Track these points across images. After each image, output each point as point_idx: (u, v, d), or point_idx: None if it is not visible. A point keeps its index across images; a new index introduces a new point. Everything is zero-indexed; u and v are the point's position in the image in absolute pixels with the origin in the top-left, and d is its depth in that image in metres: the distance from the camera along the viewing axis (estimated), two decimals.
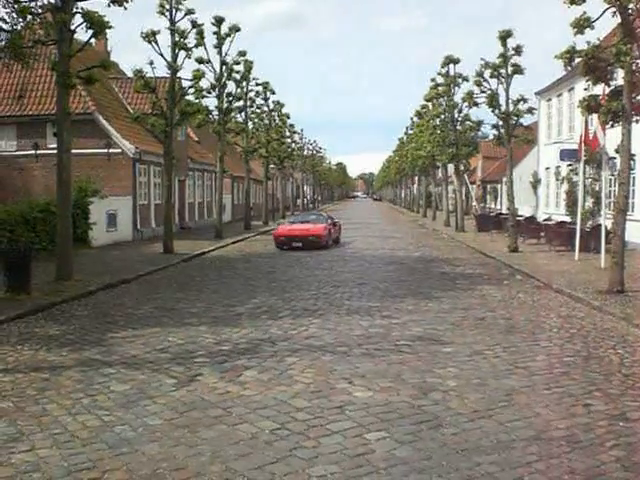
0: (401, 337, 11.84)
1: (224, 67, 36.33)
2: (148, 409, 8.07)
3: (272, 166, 58.44)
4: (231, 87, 38.47)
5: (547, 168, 41.18)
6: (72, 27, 18.41)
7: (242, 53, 38.01)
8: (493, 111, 28.73)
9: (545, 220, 34.09)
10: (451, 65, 42.29)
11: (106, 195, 30.21)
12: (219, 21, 35.50)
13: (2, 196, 28.91)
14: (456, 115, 42.09)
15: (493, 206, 62.27)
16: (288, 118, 60.83)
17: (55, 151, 19.63)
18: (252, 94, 45.61)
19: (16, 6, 18.49)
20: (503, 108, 28.32)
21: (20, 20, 19.33)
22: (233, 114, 40.77)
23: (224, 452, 6.68)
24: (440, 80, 43.37)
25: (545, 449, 6.76)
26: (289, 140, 65.72)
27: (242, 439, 7.03)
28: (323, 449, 6.77)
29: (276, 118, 56.54)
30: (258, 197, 65.53)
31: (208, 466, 6.35)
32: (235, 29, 35.71)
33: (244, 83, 41.69)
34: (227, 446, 6.83)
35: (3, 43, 19.63)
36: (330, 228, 32.03)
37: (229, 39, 35.80)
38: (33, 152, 33.09)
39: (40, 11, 18.84)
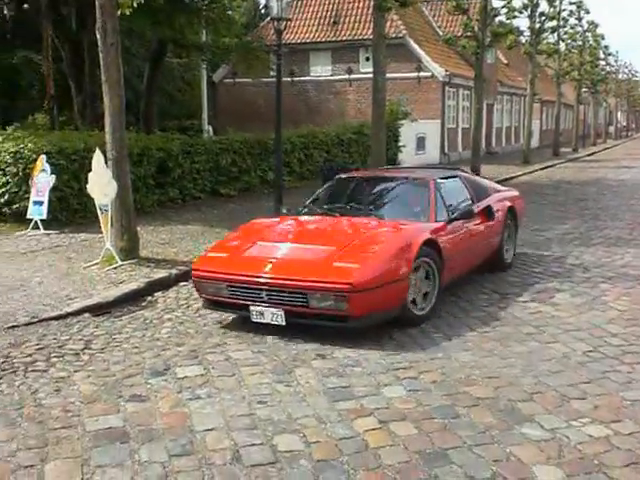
0: None
1: None
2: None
3: (584, 90, 55.69)
4: (544, 6, 37.11)
5: None
6: None
7: None
8: None
9: None
10: None
11: (416, 118, 30.79)
12: None
13: (319, 119, 30.59)
14: None
15: None
16: (603, 39, 57.25)
17: (367, 75, 20.34)
18: (565, 14, 43.53)
19: None
20: None
21: None
22: (545, 35, 39.35)
23: (536, 367, 6.73)
24: None
25: None
26: (603, 63, 61.91)
27: (554, 357, 7.03)
28: (637, 375, 6.58)
29: (590, 39, 53.52)
30: (568, 123, 62.95)
31: (520, 378, 6.45)
32: None
33: (557, 2, 39.88)
34: (539, 362, 6.88)
35: None
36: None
37: None
38: (346, 76, 34.56)
39: None
